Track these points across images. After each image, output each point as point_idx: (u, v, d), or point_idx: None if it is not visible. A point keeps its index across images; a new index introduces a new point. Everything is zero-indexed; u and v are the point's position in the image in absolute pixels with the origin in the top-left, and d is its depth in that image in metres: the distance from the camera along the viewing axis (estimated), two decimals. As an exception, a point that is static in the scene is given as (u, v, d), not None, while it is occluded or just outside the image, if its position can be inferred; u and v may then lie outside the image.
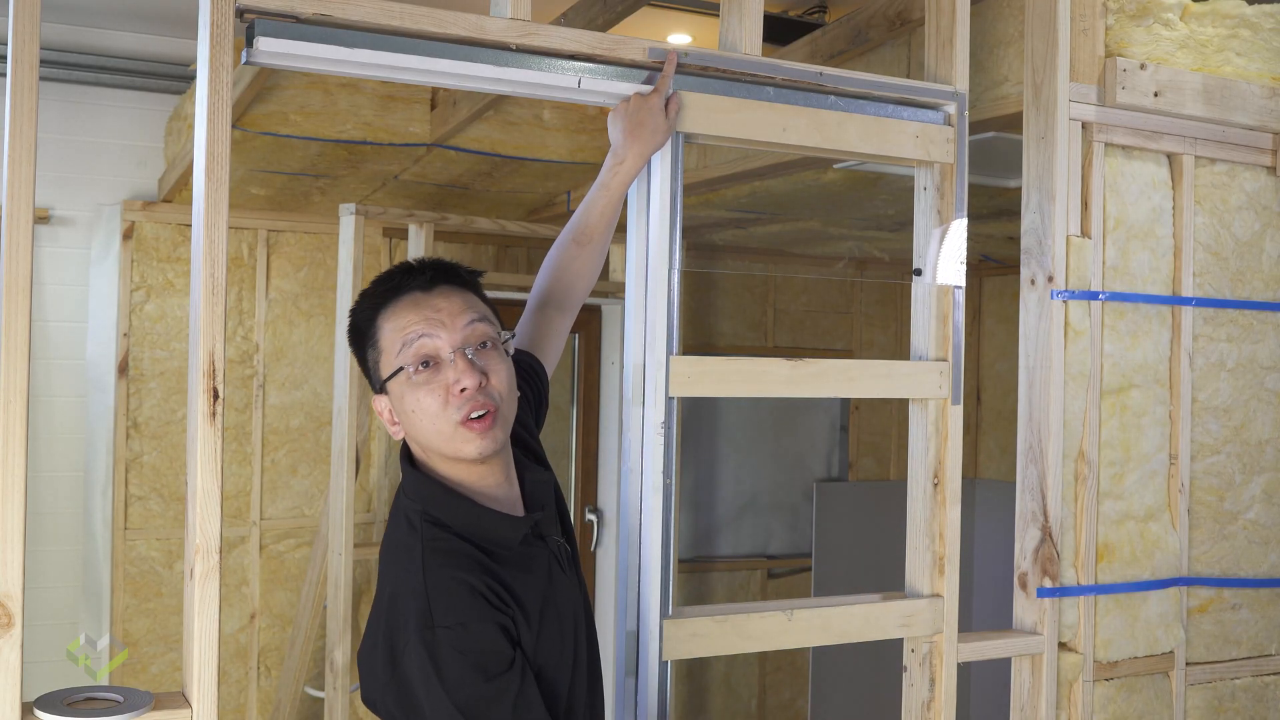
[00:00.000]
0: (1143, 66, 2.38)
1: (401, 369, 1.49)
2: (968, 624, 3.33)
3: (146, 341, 4.07)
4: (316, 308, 4.34)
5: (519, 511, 1.55)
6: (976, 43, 2.44)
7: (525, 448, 1.68)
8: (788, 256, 5.14)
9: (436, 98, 3.38)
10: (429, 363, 1.48)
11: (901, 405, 4.25)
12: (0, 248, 1.57)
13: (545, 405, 1.84)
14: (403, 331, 1.50)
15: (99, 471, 4.06)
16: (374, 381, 1.55)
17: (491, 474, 1.52)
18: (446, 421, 1.46)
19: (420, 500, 1.50)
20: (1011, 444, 3.36)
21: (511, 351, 1.57)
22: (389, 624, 1.42)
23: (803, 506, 5.26)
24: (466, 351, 1.48)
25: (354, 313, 1.57)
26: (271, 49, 1.71)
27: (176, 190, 3.97)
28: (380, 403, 1.54)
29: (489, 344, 1.52)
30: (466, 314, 1.52)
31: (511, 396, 1.53)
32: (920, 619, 2.23)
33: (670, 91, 1.94)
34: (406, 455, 1.56)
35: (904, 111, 2.22)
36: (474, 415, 1.46)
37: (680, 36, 4.10)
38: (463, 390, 1.46)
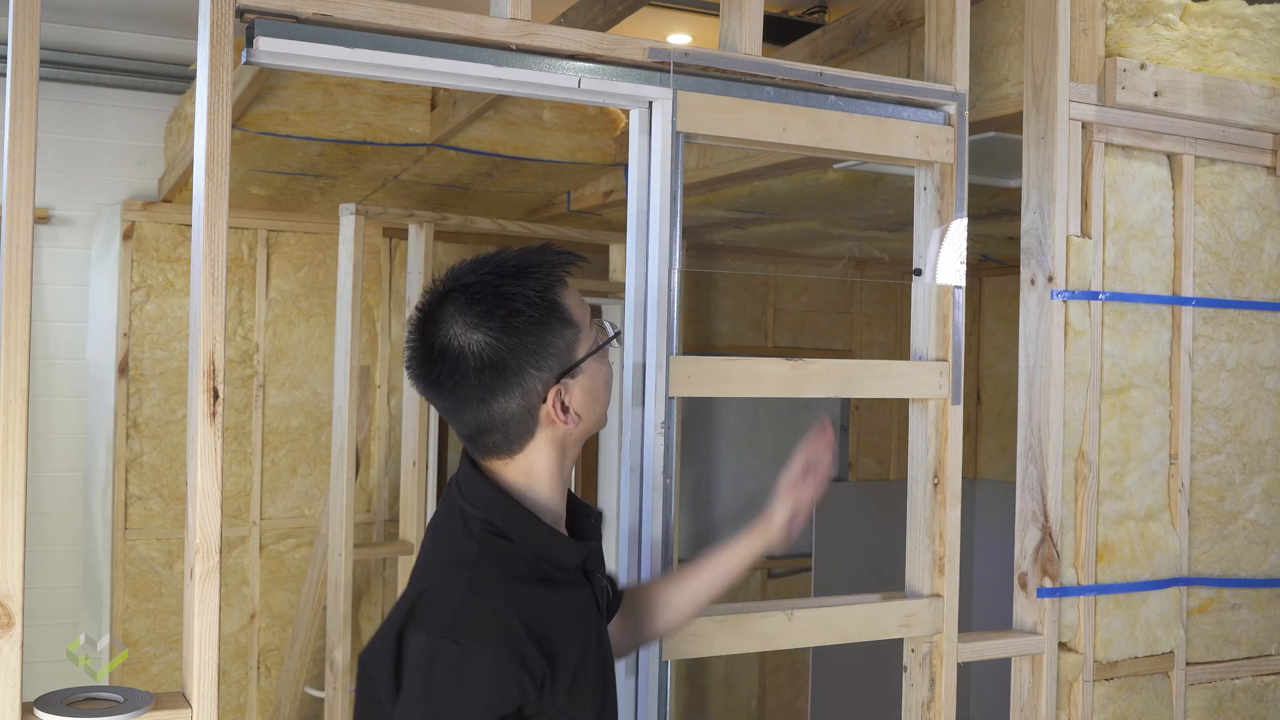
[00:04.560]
0: (1143, 66, 2.38)
1: (604, 343, 1.44)
2: (968, 624, 3.32)
3: (146, 341, 4.07)
4: (316, 308, 4.34)
5: (561, 529, 1.49)
6: (976, 43, 2.44)
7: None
8: (788, 256, 5.14)
9: (436, 98, 3.38)
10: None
11: (901, 405, 4.25)
12: (0, 248, 1.57)
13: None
14: (584, 306, 1.44)
15: (99, 471, 4.06)
16: (566, 364, 1.39)
17: (568, 467, 1.50)
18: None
19: (482, 506, 1.38)
20: (1011, 444, 3.35)
21: None
22: (408, 613, 1.32)
23: (803, 506, 5.24)
24: None
25: (533, 292, 1.37)
26: (271, 49, 1.71)
27: (176, 190, 3.97)
28: (553, 393, 1.38)
29: None
30: None
31: None
32: (920, 619, 2.23)
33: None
34: (469, 455, 1.46)
35: (904, 111, 2.22)
36: None
37: (680, 36, 4.10)
38: None
